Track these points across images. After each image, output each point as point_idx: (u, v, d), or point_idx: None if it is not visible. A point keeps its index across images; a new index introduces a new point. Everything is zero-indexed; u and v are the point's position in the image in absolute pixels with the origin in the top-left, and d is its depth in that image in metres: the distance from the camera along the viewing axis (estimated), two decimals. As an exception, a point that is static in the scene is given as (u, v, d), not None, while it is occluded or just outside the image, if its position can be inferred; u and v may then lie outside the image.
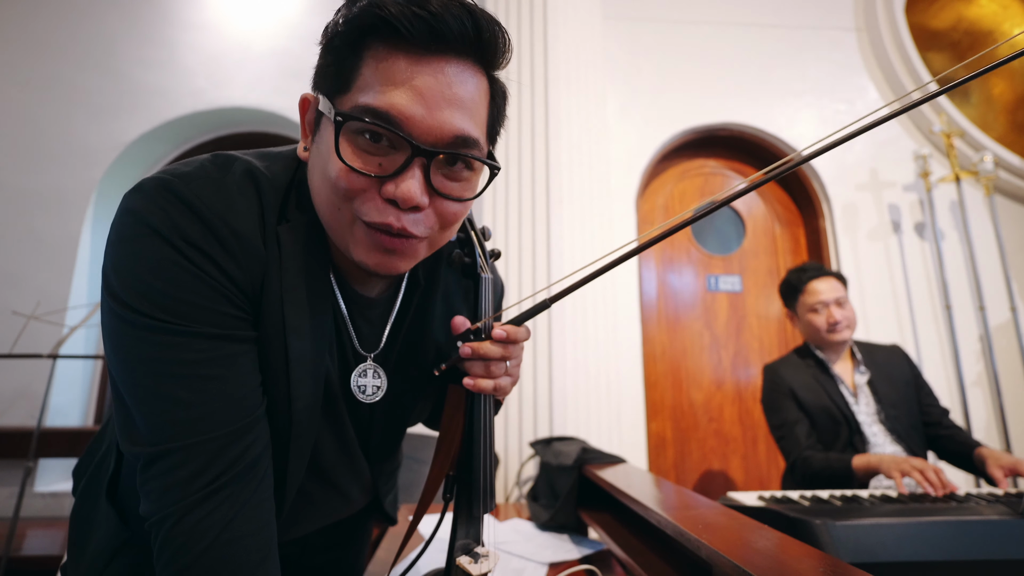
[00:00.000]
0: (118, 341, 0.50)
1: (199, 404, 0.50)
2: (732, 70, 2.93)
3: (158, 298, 0.49)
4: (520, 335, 0.61)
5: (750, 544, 0.61)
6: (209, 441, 0.49)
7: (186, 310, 0.50)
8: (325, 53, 0.55)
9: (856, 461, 1.48)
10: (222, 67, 2.77)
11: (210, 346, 0.51)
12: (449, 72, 0.51)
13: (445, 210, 0.55)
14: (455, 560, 0.54)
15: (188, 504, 0.48)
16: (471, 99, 0.53)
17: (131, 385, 0.50)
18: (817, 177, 2.84)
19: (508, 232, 2.32)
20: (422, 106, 0.50)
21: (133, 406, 0.50)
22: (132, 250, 0.50)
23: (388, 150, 0.52)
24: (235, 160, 0.57)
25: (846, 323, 1.70)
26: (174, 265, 0.50)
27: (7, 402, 2.34)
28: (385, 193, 0.52)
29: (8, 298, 2.36)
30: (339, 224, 0.55)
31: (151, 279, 0.49)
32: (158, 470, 0.49)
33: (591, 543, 1.12)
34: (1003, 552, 0.89)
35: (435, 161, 0.53)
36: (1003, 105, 3.06)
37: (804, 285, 1.76)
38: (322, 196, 0.55)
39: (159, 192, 0.52)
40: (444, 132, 0.52)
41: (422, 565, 0.96)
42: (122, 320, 0.50)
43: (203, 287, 0.51)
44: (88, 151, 2.61)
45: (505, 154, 2.42)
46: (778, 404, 1.72)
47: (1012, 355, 2.62)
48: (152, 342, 0.49)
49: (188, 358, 0.50)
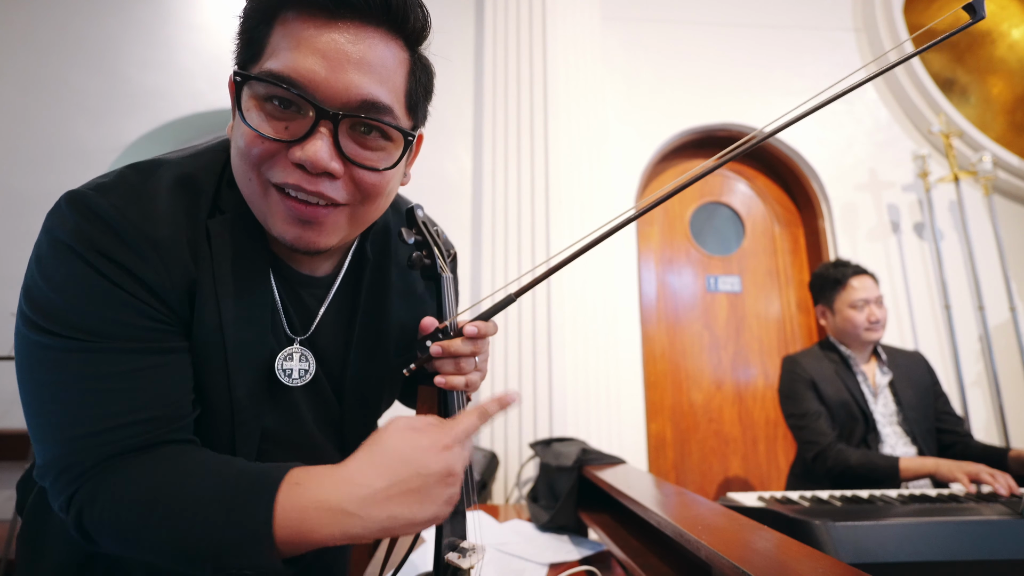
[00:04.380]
0: (30, 364, 0.50)
1: (114, 415, 0.50)
2: (731, 70, 2.93)
3: (70, 315, 0.49)
4: (489, 330, 0.62)
5: (750, 545, 0.61)
6: (121, 433, 0.50)
7: (99, 325, 0.49)
8: (240, 23, 0.54)
9: (907, 463, 1.48)
10: (222, 69, 2.77)
11: (127, 359, 0.50)
12: (357, 35, 0.51)
13: (362, 179, 0.54)
14: (443, 558, 0.55)
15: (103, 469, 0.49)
16: (380, 64, 0.52)
17: (39, 406, 0.50)
18: (816, 177, 2.84)
19: (508, 232, 2.32)
20: (324, 68, 0.49)
21: (40, 428, 0.50)
22: (43, 268, 0.50)
23: (295, 115, 0.51)
24: (160, 165, 0.56)
25: (883, 323, 1.71)
26: (85, 280, 0.49)
27: (6, 404, 2.33)
28: (292, 157, 0.51)
29: (7, 299, 2.35)
30: (254, 195, 0.55)
31: (62, 296, 0.49)
32: (64, 476, 0.49)
33: (591, 544, 1.12)
34: (1003, 552, 0.89)
35: (346, 127, 0.52)
36: (1001, 105, 3.07)
37: (847, 280, 1.75)
38: (237, 171, 0.55)
39: (72, 206, 0.51)
40: (351, 95, 0.51)
41: (420, 564, 0.96)
42: (33, 342, 0.49)
43: (116, 301, 0.50)
44: (87, 153, 2.61)
45: (505, 154, 2.42)
46: (799, 394, 1.71)
47: (1012, 355, 2.62)
48: (65, 362, 0.49)
49: (103, 371, 0.49)
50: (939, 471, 1.42)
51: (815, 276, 1.86)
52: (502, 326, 2.22)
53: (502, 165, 2.40)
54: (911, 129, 2.94)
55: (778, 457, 2.66)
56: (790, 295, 2.84)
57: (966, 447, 1.66)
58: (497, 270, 2.30)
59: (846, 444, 1.62)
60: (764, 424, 2.70)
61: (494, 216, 2.35)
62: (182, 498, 0.48)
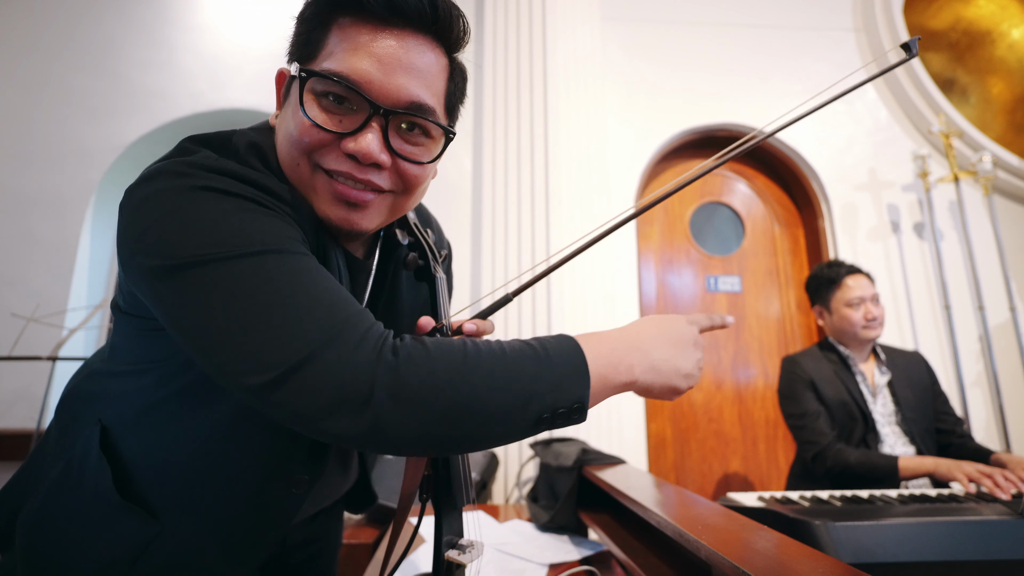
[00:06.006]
0: (208, 295, 0.46)
1: (327, 299, 0.47)
2: (731, 70, 2.93)
3: (239, 235, 0.48)
4: (487, 328, 0.64)
5: (749, 545, 0.61)
6: (357, 319, 0.47)
7: (274, 237, 0.49)
8: (298, 25, 0.60)
9: (906, 462, 1.48)
10: (222, 69, 2.77)
11: (309, 260, 0.50)
12: (407, 43, 0.56)
13: (406, 171, 0.59)
14: (444, 555, 0.55)
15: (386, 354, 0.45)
16: (427, 70, 0.58)
17: (239, 317, 0.45)
18: (816, 177, 2.84)
19: (508, 232, 2.32)
20: (380, 71, 0.55)
21: (245, 336, 0.45)
22: (188, 215, 0.48)
23: (349, 111, 0.56)
24: (229, 137, 0.60)
25: (880, 321, 1.71)
26: (240, 210, 0.50)
27: (7, 404, 2.33)
28: (345, 148, 0.56)
29: (7, 300, 2.36)
30: (300, 179, 0.58)
31: (223, 224, 0.48)
32: (313, 370, 0.43)
33: (591, 544, 1.12)
34: (1003, 552, 0.89)
35: (393, 123, 0.57)
36: (1001, 105, 3.06)
37: (842, 279, 1.76)
38: (284, 153, 0.59)
39: (189, 168, 0.51)
40: (400, 96, 0.56)
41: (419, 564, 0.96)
42: (205, 275, 0.46)
43: (278, 220, 0.52)
44: (87, 153, 2.61)
45: (505, 154, 2.42)
46: (798, 394, 1.71)
47: (1012, 355, 2.62)
48: (256, 271, 0.47)
49: (299, 268, 0.48)
50: (938, 470, 1.42)
51: (810, 277, 1.87)
52: (501, 326, 2.22)
53: (502, 165, 2.40)
54: (911, 129, 2.94)
55: (778, 457, 2.66)
56: (790, 295, 2.84)
57: (964, 447, 1.66)
58: (497, 270, 2.30)
59: (845, 444, 1.62)
60: (764, 424, 2.70)
61: (494, 216, 2.35)
62: (490, 351, 0.48)
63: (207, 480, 0.60)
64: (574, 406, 0.49)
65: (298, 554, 0.80)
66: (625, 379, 0.53)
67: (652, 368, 0.55)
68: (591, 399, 0.50)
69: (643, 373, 0.54)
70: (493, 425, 0.46)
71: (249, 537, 0.62)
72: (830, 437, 1.61)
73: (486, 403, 0.45)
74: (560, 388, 0.48)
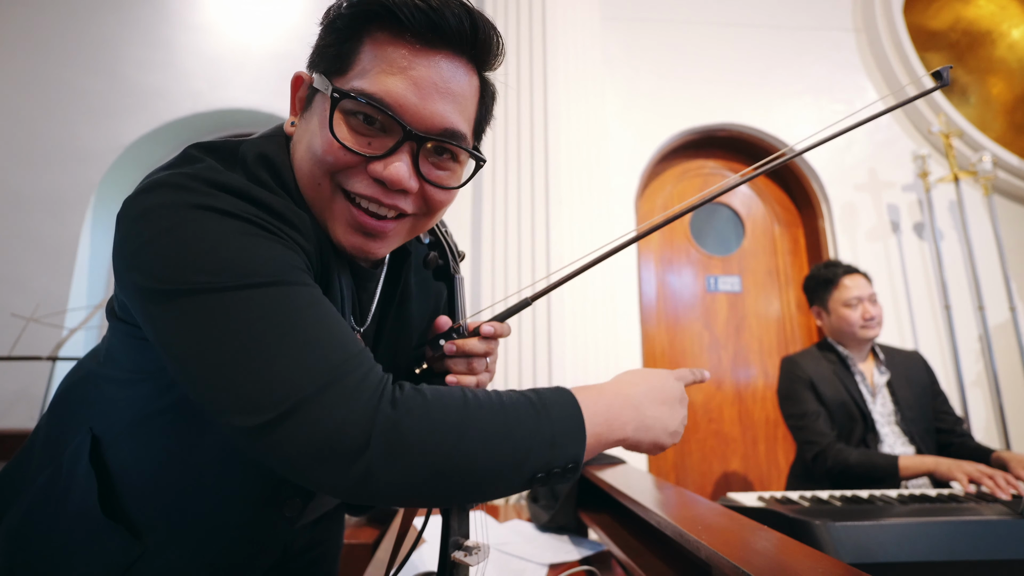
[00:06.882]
0: (201, 327, 0.44)
1: (326, 339, 0.45)
2: (731, 70, 2.93)
3: (237, 263, 0.45)
4: (504, 331, 0.64)
5: (749, 545, 0.61)
6: (357, 362, 0.45)
7: (275, 267, 0.46)
8: (326, 33, 0.56)
9: (906, 462, 1.48)
10: (221, 69, 2.77)
11: (309, 293, 0.48)
12: (444, 66, 0.54)
13: (432, 196, 0.57)
14: (450, 557, 0.55)
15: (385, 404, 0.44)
16: (463, 95, 0.56)
17: (232, 354, 0.43)
18: (816, 177, 2.84)
19: (508, 233, 2.32)
20: (416, 95, 0.52)
21: (236, 374, 0.43)
22: (185, 236, 0.46)
23: (379, 133, 0.54)
24: (237, 146, 0.56)
25: (878, 320, 1.71)
26: (241, 234, 0.47)
27: (7, 404, 2.33)
28: (372, 172, 0.54)
29: (7, 300, 2.36)
30: (318, 198, 0.56)
31: (222, 250, 0.45)
32: (307, 416, 0.42)
33: (591, 544, 1.12)
34: (1003, 552, 0.89)
35: (423, 148, 0.55)
36: (1001, 105, 3.06)
37: (839, 279, 1.76)
38: (304, 170, 0.56)
39: (191, 181, 0.48)
40: (435, 122, 0.54)
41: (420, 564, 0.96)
42: (199, 305, 0.44)
43: (279, 245, 0.49)
44: (87, 153, 2.61)
45: (505, 155, 2.42)
46: (797, 394, 1.72)
47: (1011, 355, 2.62)
48: (252, 305, 0.44)
49: (299, 303, 0.46)
50: (938, 470, 1.43)
51: (808, 278, 1.88)
52: (502, 326, 2.22)
53: (502, 165, 2.40)
54: (911, 129, 2.94)
55: (778, 457, 2.66)
56: (790, 295, 2.84)
57: (964, 446, 1.66)
58: (497, 271, 2.30)
59: (845, 444, 1.62)
60: (764, 424, 2.70)
61: (494, 216, 2.35)
62: (489, 405, 0.47)
63: (196, 501, 0.57)
64: (568, 465, 0.48)
65: (300, 559, 0.80)
66: (619, 436, 0.53)
67: (643, 426, 0.55)
68: (585, 456, 0.50)
69: (635, 431, 0.54)
70: (486, 484, 0.46)
71: (237, 561, 0.60)
72: (830, 437, 1.61)
73: (482, 462, 0.45)
74: (557, 446, 0.48)
